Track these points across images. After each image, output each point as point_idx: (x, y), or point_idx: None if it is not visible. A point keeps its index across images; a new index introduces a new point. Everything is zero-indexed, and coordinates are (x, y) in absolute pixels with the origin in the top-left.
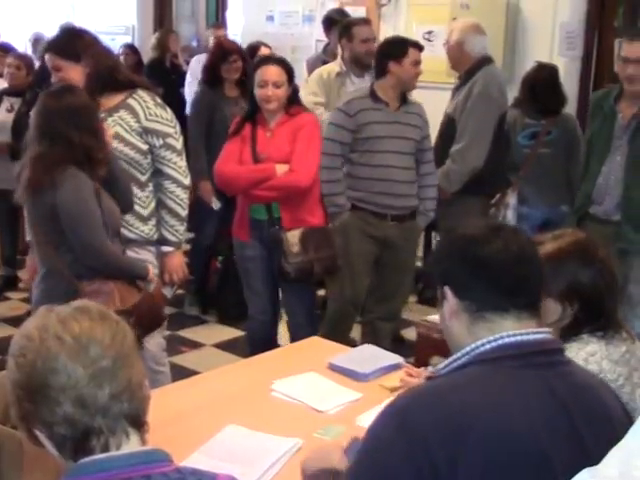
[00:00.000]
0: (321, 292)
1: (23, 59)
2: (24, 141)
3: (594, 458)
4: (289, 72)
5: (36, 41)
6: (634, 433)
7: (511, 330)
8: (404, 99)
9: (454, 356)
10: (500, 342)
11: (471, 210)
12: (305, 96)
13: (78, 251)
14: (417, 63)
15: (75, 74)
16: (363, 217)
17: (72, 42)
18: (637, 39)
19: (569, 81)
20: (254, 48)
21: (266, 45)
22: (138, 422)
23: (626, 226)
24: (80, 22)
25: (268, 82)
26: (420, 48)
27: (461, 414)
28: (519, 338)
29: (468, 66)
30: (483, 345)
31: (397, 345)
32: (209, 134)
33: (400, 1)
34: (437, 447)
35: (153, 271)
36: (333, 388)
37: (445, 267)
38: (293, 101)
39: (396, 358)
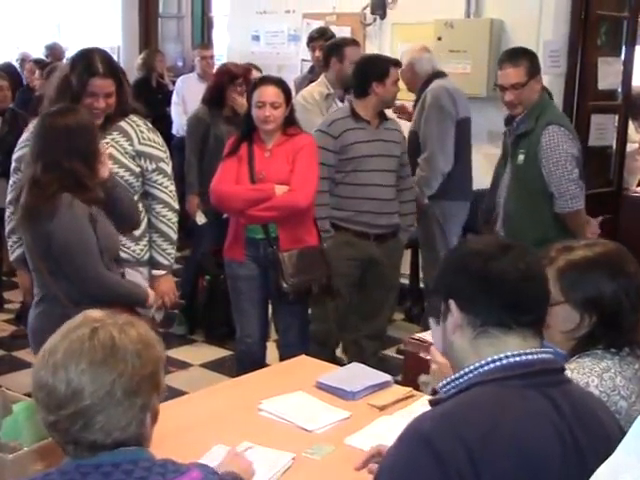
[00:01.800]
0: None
1: (7, 79)
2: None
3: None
4: (287, 93)
5: (23, 61)
6: (622, 449)
7: (515, 348)
8: (383, 116)
9: (456, 375)
10: (505, 362)
11: (446, 213)
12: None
13: (75, 280)
14: (397, 81)
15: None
16: (346, 239)
17: (119, 66)
18: (505, 66)
19: (553, 98)
20: (246, 70)
21: (257, 68)
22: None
23: None
24: (66, 42)
25: (266, 103)
26: (399, 65)
27: (484, 434)
28: (524, 358)
29: (420, 84)
30: (487, 364)
31: (381, 363)
32: (203, 151)
33: (385, 21)
34: (467, 469)
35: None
36: (321, 407)
37: (451, 280)
38: (290, 122)
39: (384, 376)
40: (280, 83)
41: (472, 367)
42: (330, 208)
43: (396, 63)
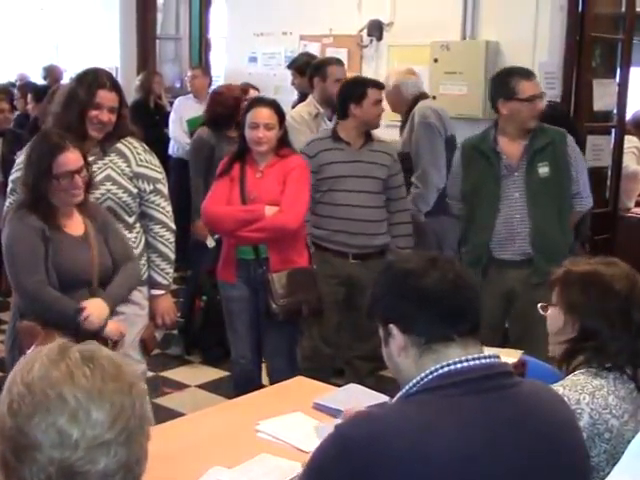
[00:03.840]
0: None
1: (10, 101)
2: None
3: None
4: (280, 114)
5: (21, 82)
6: (618, 468)
7: (457, 357)
8: (368, 138)
9: (404, 389)
10: (446, 369)
11: (444, 229)
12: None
13: (14, 289)
14: (378, 102)
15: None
16: (324, 257)
17: (121, 88)
18: (533, 77)
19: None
20: (243, 90)
21: (254, 87)
22: None
23: (538, 258)
24: (64, 63)
25: (259, 124)
26: (380, 87)
27: (386, 442)
28: (465, 364)
29: (406, 106)
30: (427, 376)
31: (379, 383)
32: (208, 172)
33: (381, 42)
34: (362, 465)
35: (119, 329)
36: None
37: (387, 304)
38: (283, 143)
39: (382, 397)
40: (274, 104)
41: (415, 381)
42: (310, 226)
43: (376, 84)
